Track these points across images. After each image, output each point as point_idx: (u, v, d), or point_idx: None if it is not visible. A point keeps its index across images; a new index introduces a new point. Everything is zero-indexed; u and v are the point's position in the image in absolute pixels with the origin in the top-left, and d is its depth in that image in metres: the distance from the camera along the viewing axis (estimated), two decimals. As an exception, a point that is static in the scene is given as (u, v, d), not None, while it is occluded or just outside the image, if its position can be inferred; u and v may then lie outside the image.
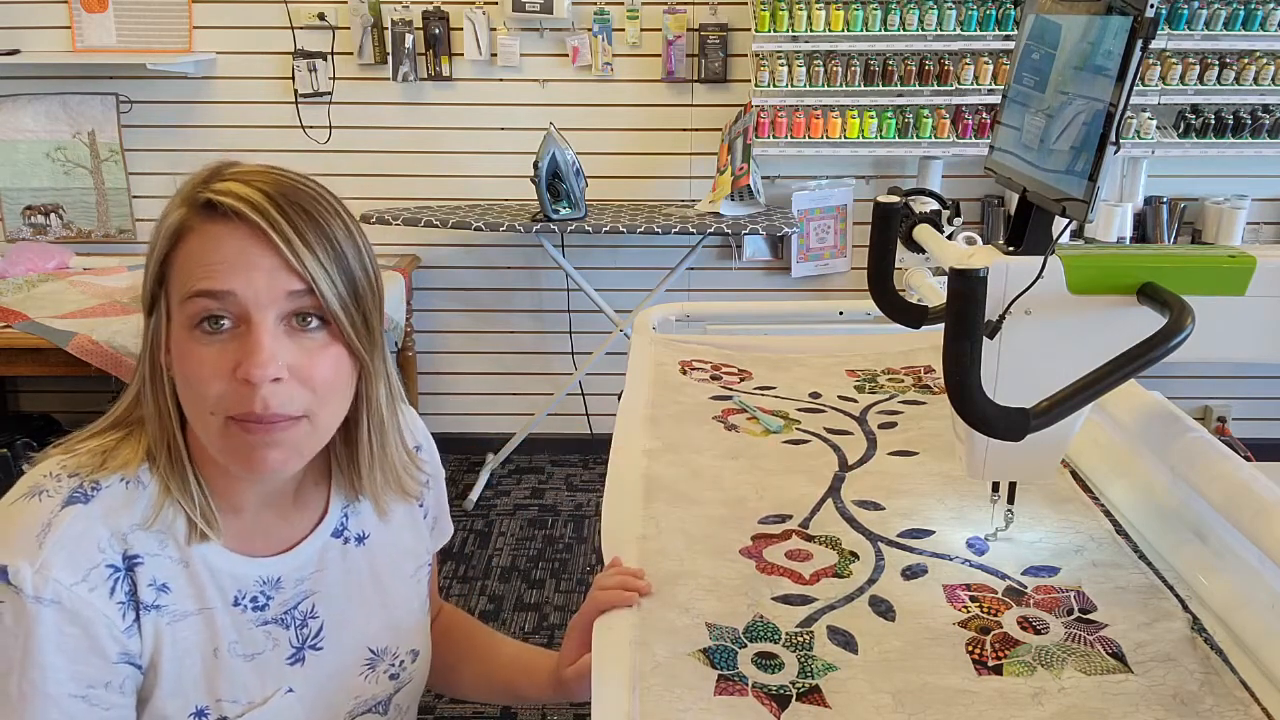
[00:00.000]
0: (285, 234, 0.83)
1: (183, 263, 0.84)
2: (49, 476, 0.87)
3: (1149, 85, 3.09)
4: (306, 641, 0.96)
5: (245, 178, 0.86)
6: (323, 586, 0.98)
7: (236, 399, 0.82)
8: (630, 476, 1.20)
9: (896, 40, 3.09)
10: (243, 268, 0.83)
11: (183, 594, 0.88)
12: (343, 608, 0.99)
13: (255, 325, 0.82)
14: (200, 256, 0.83)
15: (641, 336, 1.66)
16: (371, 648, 1.02)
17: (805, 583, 1.00)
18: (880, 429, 1.36)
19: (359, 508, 1.02)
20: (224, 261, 0.83)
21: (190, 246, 0.84)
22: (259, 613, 0.93)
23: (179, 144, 3.38)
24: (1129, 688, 0.85)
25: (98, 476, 0.87)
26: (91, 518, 0.84)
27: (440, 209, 3.25)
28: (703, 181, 3.40)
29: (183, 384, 0.85)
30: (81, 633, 0.82)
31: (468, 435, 3.61)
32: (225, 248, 0.83)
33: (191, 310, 0.83)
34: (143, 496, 0.87)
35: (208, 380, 0.83)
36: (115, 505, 0.86)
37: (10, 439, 2.99)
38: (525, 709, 2.41)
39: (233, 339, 0.83)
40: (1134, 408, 1.11)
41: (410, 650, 1.06)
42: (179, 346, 0.84)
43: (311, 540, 0.97)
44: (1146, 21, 0.81)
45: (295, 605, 0.96)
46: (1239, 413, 3.65)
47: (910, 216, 1.29)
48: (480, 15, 3.23)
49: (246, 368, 0.81)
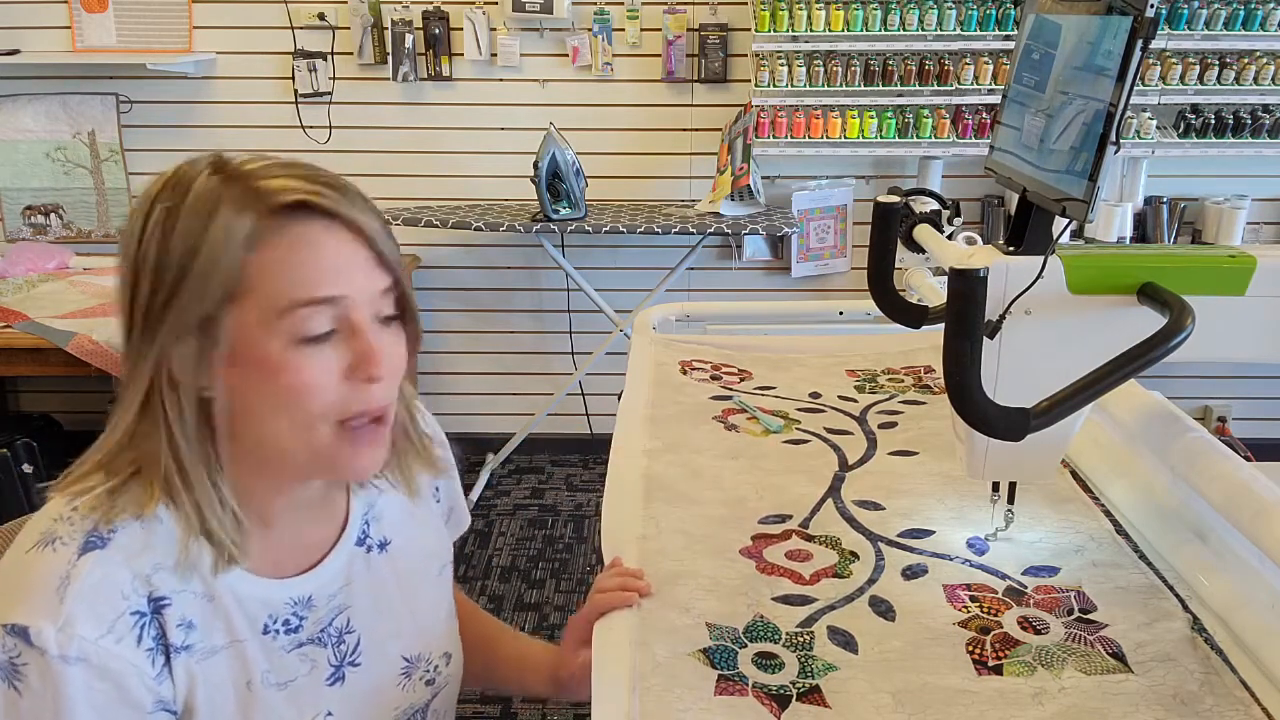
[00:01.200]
0: (373, 230, 0.82)
1: (269, 272, 0.79)
2: (61, 520, 0.82)
3: (1149, 85, 3.09)
4: (345, 659, 0.94)
5: (288, 172, 0.81)
6: (354, 599, 0.95)
7: (353, 400, 0.82)
8: (630, 476, 1.20)
9: (896, 40, 3.08)
10: (345, 269, 0.81)
11: (211, 629, 0.84)
12: (374, 619, 0.96)
13: (362, 327, 0.81)
14: (298, 264, 0.79)
15: (641, 336, 1.66)
16: (406, 656, 0.99)
17: (805, 583, 1.00)
18: (880, 429, 1.36)
19: (379, 513, 1.00)
20: (327, 266, 0.80)
21: (277, 254, 0.79)
22: (292, 635, 0.90)
23: (179, 144, 3.38)
24: (1129, 688, 0.85)
25: (112, 517, 0.82)
26: (111, 563, 0.80)
27: (440, 209, 3.25)
28: (703, 181, 3.40)
29: (276, 398, 0.80)
30: (112, 687, 0.78)
31: (468, 435, 3.61)
32: (326, 251, 0.80)
33: (294, 320, 0.79)
34: (161, 533, 0.83)
35: (322, 389, 0.80)
36: (134, 546, 0.81)
37: (10, 439, 2.98)
38: (525, 709, 2.41)
39: (340, 342, 0.81)
40: (1134, 408, 1.11)
41: (443, 654, 1.04)
42: (269, 361, 0.79)
43: (337, 552, 0.95)
44: (1146, 21, 0.81)
45: (330, 622, 0.93)
46: (1239, 413, 3.64)
47: (910, 216, 1.29)
48: (480, 15, 3.23)
49: (368, 369, 0.81)
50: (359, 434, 0.84)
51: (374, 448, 0.85)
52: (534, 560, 3.10)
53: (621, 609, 0.95)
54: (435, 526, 1.08)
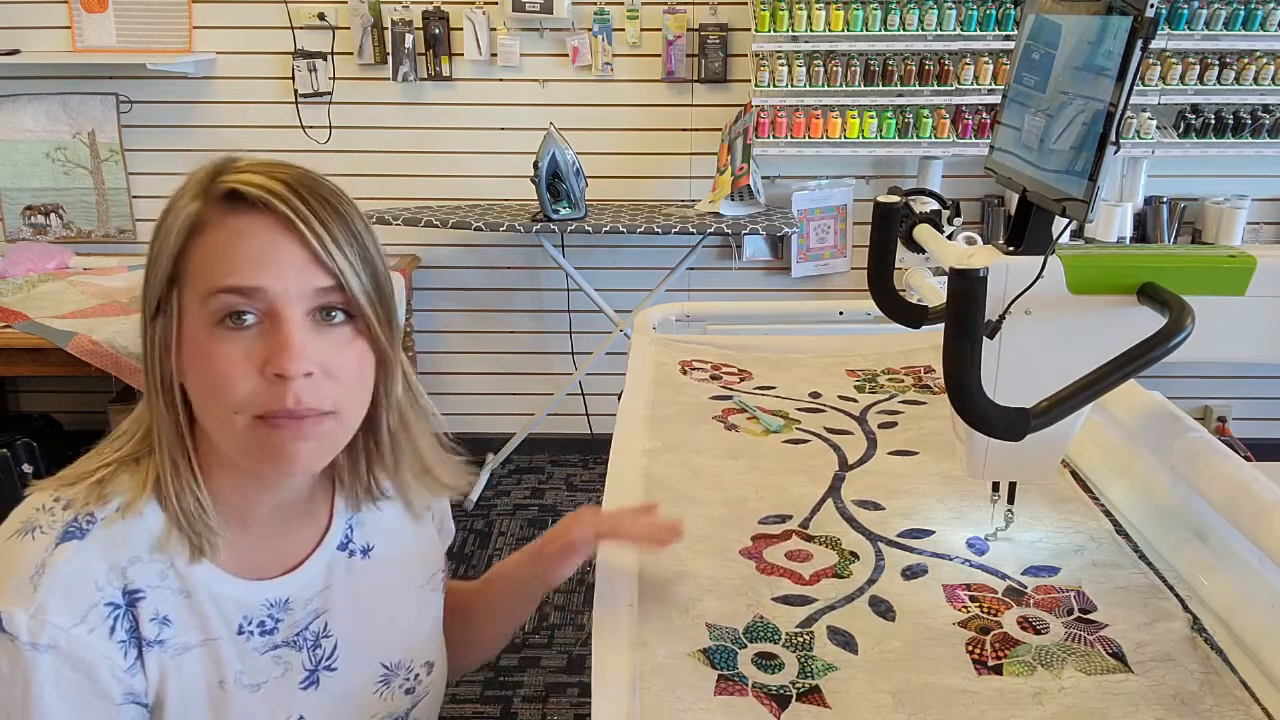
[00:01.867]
0: (314, 227, 0.81)
1: (202, 258, 0.81)
2: (42, 510, 0.83)
3: (1149, 85, 3.08)
4: (320, 663, 0.93)
5: (263, 170, 0.83)
6: (332, 604, 0.94)
7: (267, 396, 0.80)
8: (630, 476, 1.20)
9: (896, 40, 3.08)
10: (272, 262, 0.80)
11: (185, 625, 0.85)
12: (354, 624, 0.96)
13: (285, 320, 0.80)
14: (224, 250, 0.80)
15: (641, 336, 1.66)
16: (385, 663, 0.98)
17: (805, 583, 1.00)
18: (880, 429, 1.36)
19: (363, 518, 0.99)
20: (252, 255, 0.80)
21: (211, 240, 0.81)
22: (267, 637, 0.89)
23: (179, 144, 3.38)
24: (1129, 688, 0.85)
25: (93, 508, 0.83)
26: (88, 553, 0.81)
27: (440, 209, 3.25)
28: (703, 181, 3.40)
29: (201, 384, 0.81)
30: (83, 677, 0.79)
31: (468, 435, 3.58)
32: (253, 241, 0.80)
33: (215, 307, 0.80)
34: (142, 525, 0.83)
35: (235, 378, 0.79)
36: (113, 538, 0.82)
37: (10, 439, 2.99)
38: (525, 709, 2.41)
39: (260, 335, 0.80)
40: (1134, 408, 1.11)
41: (425, 663, 1.03)
42: (197, 345, 0.81)
43: (317, 556, 0.94)
44: (1146, 21, 0.81)
45: (307, 626, 0.92)
46: (1239, 413, 3.64)
47: (910, 216, 1.29)
48: (480, 15, 3.23)
49: (280, 363, 0.79)
50: (279, 429, 0.81)
51: (299, 444, 0.82)
52: (534, 560, 3.10)
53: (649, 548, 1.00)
54: (426, 536, 1.07)
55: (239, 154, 0.86)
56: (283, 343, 0.79)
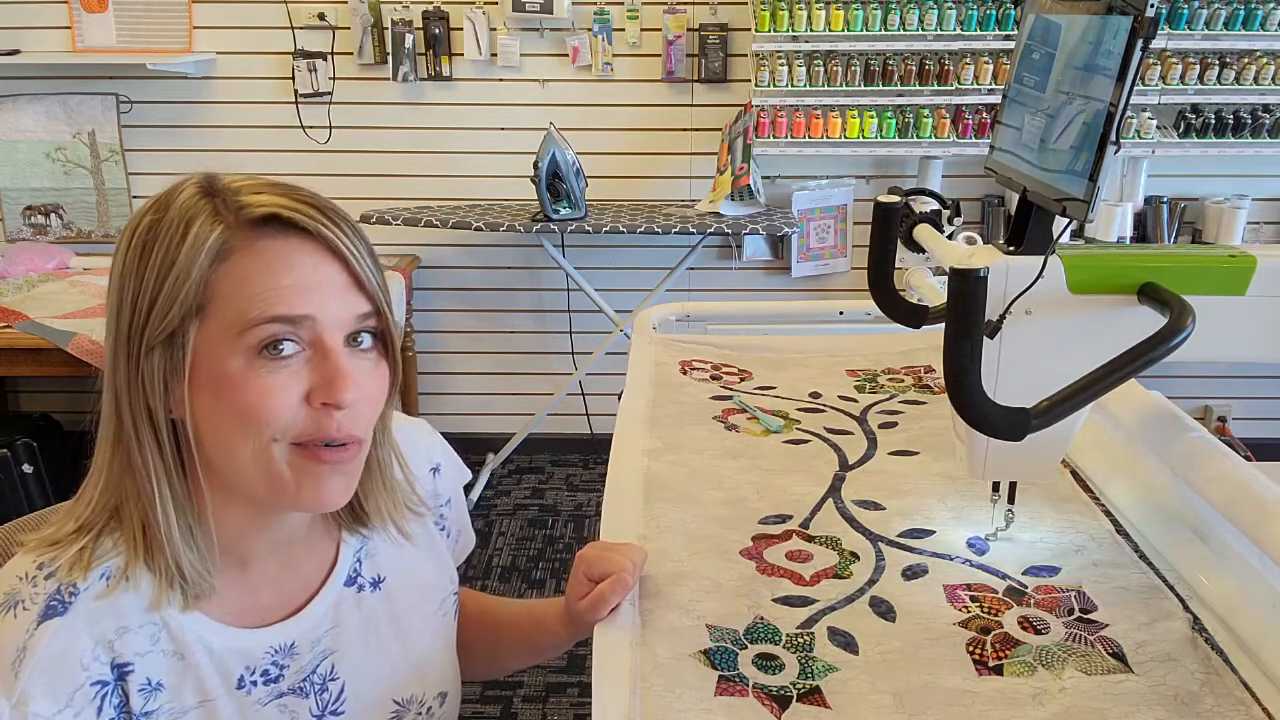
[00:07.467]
0: (354, 250, 0.78)
1: (233, 286, 0.76)
2: (24, 580, 0.78)
3: (1149, 85, 3.09)
4: (327, 707, 0.89)
5: (280, 190, 0.79)
6: (340, 644, 0.91)
7: (311, 425, 0.77)
8: (630, 476, 1.20)
9: (896, 40, 3.09)
10: (315, 289, 0.77)
11: (179, 689, 0.81)
12: (363, 662, 0.92)
13: (331, 350, 0.77)
14: (262, 278, 0.76)
15: (641, 336, 1.66)
16: (397, 699, 0.95)
17: (806, 584, 1.00)
18: (880, 429, 1.36)
19: (372, 548, 0.95)
20: (297, 283, 0.76)
21: (244, 268, 0.76)
22: (271, 686, 0.86)
23: (179, 144, 3.38)
24: (1129, 688, 0.84)
25: (76, 578, 0.78)
26: (72, 631, 0.77)
27: (440, 209, 3.25)
28: (703, 181, 3.40)
29: (229, 419, 0.77)
30: None
31: (468, 435, 3.61)
32: (297, 268, 0.76)
33: (257, 338, 0.75)
34: (131, 591, 0.79)
35: (277, 410, 0.76)
36: (99, 610, 0.78)
37: (10, 439, 2.99)
38: (525, 709, 2.41)
39: (304, 364, 0.77)
40: (1134, 408, 1.11)
41: (438, 694, 1.00)
42: (225, 378, 0.76)
43: (323, 595, 0.90)
44: (1146, 21, 0.81)
45: (314, 669, 0.88)
46: (1239, 413, 3.64)
47: (910, 216, 1.29)
48: (480, 15, 3.23)
49: (334, 394, 0.76)
50: (320, 460, 0.79)
51: (335, 478, 0.80)
52: (534, 560, 3.10)
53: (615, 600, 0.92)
54: (437, 554, 1.03)
55: (217, 172, 0.81)
56: (334, 372, 0.77)
